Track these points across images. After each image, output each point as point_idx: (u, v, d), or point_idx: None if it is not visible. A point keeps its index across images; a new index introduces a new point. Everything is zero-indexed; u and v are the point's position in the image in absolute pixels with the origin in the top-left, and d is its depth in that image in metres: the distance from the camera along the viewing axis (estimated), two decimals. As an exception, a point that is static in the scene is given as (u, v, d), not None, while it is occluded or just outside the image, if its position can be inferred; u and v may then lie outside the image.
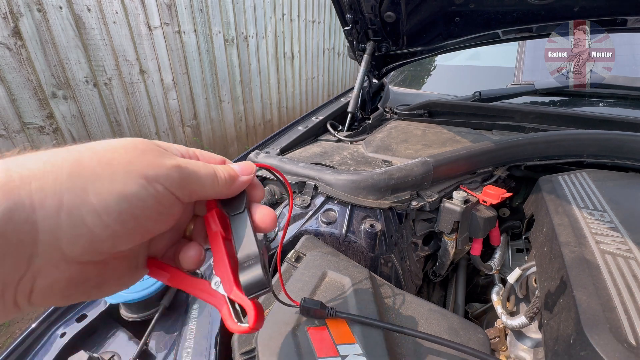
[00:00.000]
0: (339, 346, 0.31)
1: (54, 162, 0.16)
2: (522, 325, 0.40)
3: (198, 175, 0.20)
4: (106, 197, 0.16)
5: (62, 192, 0.15)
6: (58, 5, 1.40)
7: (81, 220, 0.16)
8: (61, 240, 0.15)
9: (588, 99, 0.79)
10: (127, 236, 0.17)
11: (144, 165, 0.18)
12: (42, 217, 0.15)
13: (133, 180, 0.17)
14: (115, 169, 0.17)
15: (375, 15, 0.75)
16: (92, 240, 0.16)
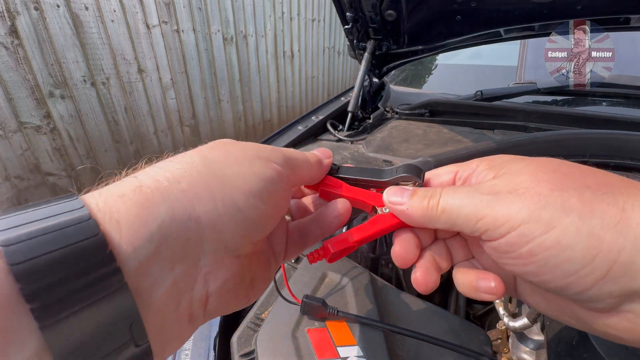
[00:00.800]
0: (339, 348, 0.31)
1: (184, 161, 0.16)
2: (525, 327, 0.40)
3: (298, 160, 0.20)
4: (245, 178, 0.16)
5: (209, 183, 0.15)
6: (55, 4, 1.39)
7: (236, 207, 0.16)
8: (223, 232, 0.15)
9: (591, 99, 0.78)
10: (270, 216, 0.18)
11: (255, 150, 0.18)
12: (202, 211, 0.15)
13: (256, 162, 0.17)
14: (236, 156, 0.17)
15: (376, 13, 0.74)
16: (247, 226, 0.16)
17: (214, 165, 0.16)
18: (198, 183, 0.15)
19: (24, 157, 1.42)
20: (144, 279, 0.13)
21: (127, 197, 0.13)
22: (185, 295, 0.15)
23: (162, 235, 0.13)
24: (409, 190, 0.19)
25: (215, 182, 0.15)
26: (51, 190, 1.54)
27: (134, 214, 0.13)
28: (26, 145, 1.41)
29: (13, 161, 1.38)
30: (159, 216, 0.13)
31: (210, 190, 0.15)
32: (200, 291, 0.15)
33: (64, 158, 1.56)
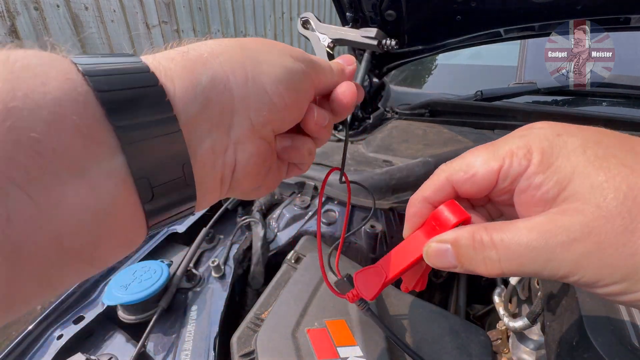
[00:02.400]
0: (338, 348, 0.31)
1: (222, 44, 0.17)
2: (525, 327, 0.40)
3: (322, 66, 0.21)
4: (275, 66, 0.17)
5: (244, 63, 0.17)
6: (55, 4, 1.39)
7: (263, 89, 0.17)
8: (250, 109, 0.17)
9: (591, 99, 0.78)
10: (291, 108, 0.18)
11: (287, 49, 0.19)
12: (235, 86, 0.16)
13: (286, 57, 0.18)
14: (270, 48, 0.18)
15: (376, 13, 0.74)
16: (272, 110, 0.17)
17: (248, 50, 0.17)
18: (234, 60, 0.16)
19: (24, 157, 1.42)
20: (191, 134, 0.15)
21: (176, 60, 0.15)
22: (220, 158, 0.16)
23: (205, 97, 0.15)
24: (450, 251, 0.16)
25: (249, 62, 0.17)
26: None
27: (183, 76, 0.15)
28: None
29: (13, 161, 1.39)
30: (202, 81, 0.15)
31: (244, 68, 0.16)
32: (230, 157, 0.17)
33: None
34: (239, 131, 0.16)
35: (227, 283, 0.42)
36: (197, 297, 0.41)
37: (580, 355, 0.28)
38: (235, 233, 0.48)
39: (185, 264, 0.43)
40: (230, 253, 0.46)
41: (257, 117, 0.17)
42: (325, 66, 0.21)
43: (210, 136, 0.16)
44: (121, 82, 0.13)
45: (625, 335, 0.27)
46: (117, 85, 0.12)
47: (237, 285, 0.46)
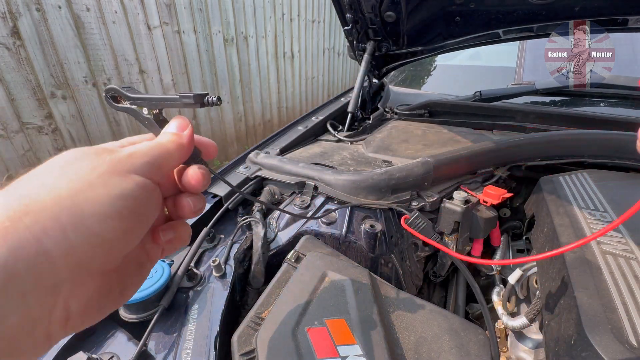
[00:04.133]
0: (338, 347, 0.31)
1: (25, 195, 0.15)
2: (523, 326, 0.40)
3: (156, 156, 0.19)
4: (100, 202, 0.16)
5: (57, 215, 0.15)
6: (57, 5, 1.39)
7: (89, 232, 0.15)
8: (80, 259, 0.15)
9: (589, 99, 0.78)
10: (134, 231, 0.18)
11: (107, 165, 0.17)
12: (53, 245, 0.14)
13: (112, 180, 0.17)
14: (88, 178, 0.16)
15: (376, 14, 0.75)
16: (107, 248, 0.16)
17: (60, 196, 0.15)
18: (44, 216, 0.15)
19: (25, 158, 1.42)
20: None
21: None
22: (41, 320, 0.15)
23: (7, 274, 0.13)
24: None
25: (65, 212, 0.15)
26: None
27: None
28: (28, 146, 1.42)
29: (15, 161, 1.39)
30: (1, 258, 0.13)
31: (59, 222, 0.15)
32: (59, 313, 0.15)
33: (65, 158, 1.56)
34: (69, 283, 0.15)
35: (228, 282, 0.43)
36: (198, 296, 0.41)
37: (578, 354, 0.28)
38: (236, 233, 0.48)
39: (186, 263, 0.43)
40: (231, 252, 0.46)
41: (93, 262, 0.16)
42: (163, 154, 0.20)
43: (22, 305, 0.14)
44: None
45: (623, 333, 0.27)
46: None
47: (238, 284, 0.46)
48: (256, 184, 0.59)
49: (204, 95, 0.23)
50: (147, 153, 0.19)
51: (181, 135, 0.22)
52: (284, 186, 0.56)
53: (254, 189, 0.59)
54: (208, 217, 0.52)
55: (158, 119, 0.23)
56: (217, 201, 0.55)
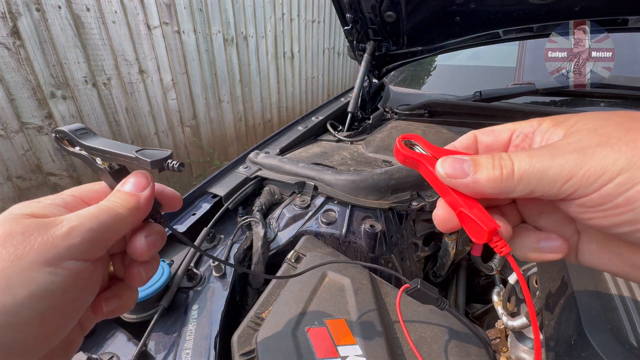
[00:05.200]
0: (339, 347, 0.31)
1: None
2: (523, 326, 0.40)
3: (102, 226, 0.17)
4: (16, 310, 0.14)
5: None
6: (57, 5, 1.39)
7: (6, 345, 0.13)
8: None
9: (589, 99, 0.78)
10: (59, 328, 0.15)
11: (36, 251, 0.15)
12: None
13: (36, 276, 0.14)
14: (7, 273, 0.14)
15: (376, 14, 0.75)
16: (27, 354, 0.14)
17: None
18: None
19: (25, 157, 1.42)
20: None
21: None
22: None
23: None
24: (467, 161, 0.17)
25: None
26: (53, 190, 1.54)
27: None
28: (28, 146, 1.42)
29: (15, 161, 1.39)
30: None
31: None
32: None
33: (66, 158, 1.56)
34: None
35: (228, 282, 0.43)
36: (198, 296, 0.41)
37: (578, 354, 0.28)
38: (236, 232, 0.48)
39: (186, 263, 0.43)
40: (231, 252, 0.46)
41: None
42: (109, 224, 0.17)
43: None
44: None
45: (623, 333, 0.27)
46: None
47: (238, 284, 0.46)
48: (256, 184, 0.59)
49: (165, 159, 0.19)
50: (91, 227, 0.16)
51: (138, 196, 0.19)
52: (284, 186, 0.56)
53: (254, 189, 0.59)
54: (208, 217, 0.52)
55: (113, 170, 0.20)
56: (217, 201, 0.55)
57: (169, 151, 0.19)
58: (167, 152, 0.19)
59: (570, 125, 0.16)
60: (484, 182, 0.16)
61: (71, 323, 0.16)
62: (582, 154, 0.14)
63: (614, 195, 0.14)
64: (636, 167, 0.13)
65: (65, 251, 0.15)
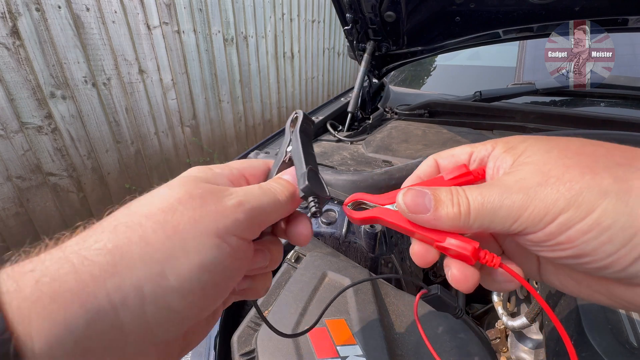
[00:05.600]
0: (339, 347, 0.31)
1: (119, 247, 0.14)
2: (523, 326, 0.40)
3: (264, 207, 0.17)
4: (186, 275, 0.14)
5: (141, 284, 0.13)
6: (57, 5, 1.39)
7: (167, 307, 0.14)
8: (151, 331, 0.14)
9: (589, 99, 0.78)
10: (212, 303, 0.16)
11: (210, 219, 0.15)
12: (128, 319, 0.13)
13: (207, 245, 0.15)
14: (185, 236, 0.15)
15: (376, 14, 0.75)
16: (181, 322, 0.15)
17: (152, 261, 0.14)
18: (128, 284, 0.13)
19: (25, 158, 1.42)
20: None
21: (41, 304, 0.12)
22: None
23: (81, 351, 0.12)
24: (429, 195, 0.17)
25: (150, 285, 0.14)
26: (52, 190, 1.54)
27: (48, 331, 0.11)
28: (27, 146, 1.42)
29: (14, 161, 1.39)
30: (76, 331, 0.12)
31: (141, 293, 0.13)
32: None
33: (65, 158, 1.56)
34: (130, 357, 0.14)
35: (228, 282, 0.42)
36: (198, 296, 0.41)
37: (578, 354, 0.28)
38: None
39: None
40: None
41: (161, 334, 0.14)
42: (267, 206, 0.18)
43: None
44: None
45: (623, 334, 0.27)
46: None
47: (238, 284, 0.46)
48: (256, 184, 0.58)
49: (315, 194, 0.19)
50: (254, 206, 0.17)
51: (295, 186, 0.20)
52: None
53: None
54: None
55: (287, 164, 0.22)
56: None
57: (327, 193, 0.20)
58: (325, 193, 0.20)
59: (518, 154, 0.17)
60: (444, 219, 0.17)
61: (221, 299, 0.17)
62: (526, 194, 0.15)
63: (557, 233, 0.15)
64: (575, 207, 0.14)
65: (232, 224, 0.16)
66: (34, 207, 1.48)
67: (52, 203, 1.54)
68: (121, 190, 1.83)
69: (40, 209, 1.51)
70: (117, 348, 0.13)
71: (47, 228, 1.56)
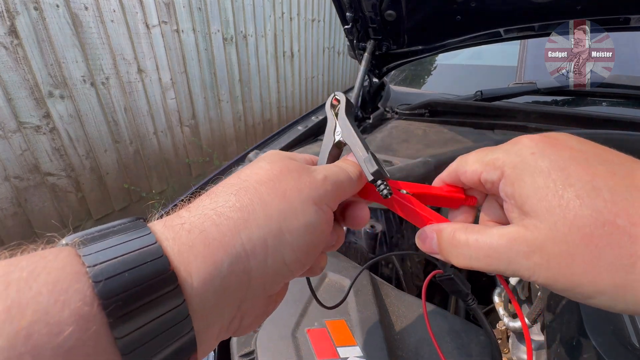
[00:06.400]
0: (338, 348, 0.31)
1: (246, 206, 0.16)
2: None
3: (343, 183, 0.20)
4: (297, 233, 0.17)
5: (265, 237, 0.16)
6: (55, 4, 1.38)
7: (282, 260, 0.17)
8: (266, 283, 0.17)
9: (590, 99, 0.78)
10: (309, 262, 0.18)
11: (308, 189, 0.18)
12: (255, 266, 0.16)
13: (309, 209, 0.17)
14: (293, 200, 0.17)
15: (376, 13, 0.74)
16: (288, 276, 0.18)
17: (271, 219, 0.16)
18: (257, 236, 0.16)
19: (23, 157, 1.41)
20: (202, 321, 0.14)
21: (196, 249, 0.14)
22: (220, 327, 0.16)
23: (223, 288, 0.15)
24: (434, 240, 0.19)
25: (271, 236, 0.16)
26: (51, 190, 1.53)
27: (202, 269, 0.14)
28: (25, 145, 1.41)
29: (12, 161, 1.38)
30: (223, 270, 0.15)
31: (266, 245, 0.16)
32: (234, 324, 0.17)
33: (64, 158, 1.55)
34: (250, 303, 0.16)
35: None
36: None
37: (580, 355, 0.27)
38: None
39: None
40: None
41: (273, 287, 0.17)
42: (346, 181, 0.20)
43: (220, 318, 0.15)
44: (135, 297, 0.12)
45: (625, 335, 0.27)
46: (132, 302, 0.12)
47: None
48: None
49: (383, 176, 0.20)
50: (336, 179, 0.19)
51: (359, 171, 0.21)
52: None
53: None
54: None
55: (337, 147, 0.23)
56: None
57: (388, 174, 0.21)
58: (387, 175, 0.21)
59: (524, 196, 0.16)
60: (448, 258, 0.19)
61: (313, 260, 0.19)
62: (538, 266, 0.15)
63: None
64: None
65: (324, 194, 0.18)
66: (32, 207, 1.48)
67: (50, 203, 1.54)
68: (120, 190, 1.82)
69: (38, 209, 1.50)
70: (243, 289, 0.16)
71: (45, 228, 1.56)
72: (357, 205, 0.23)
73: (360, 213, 0.22)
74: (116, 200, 1.81)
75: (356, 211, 0.22)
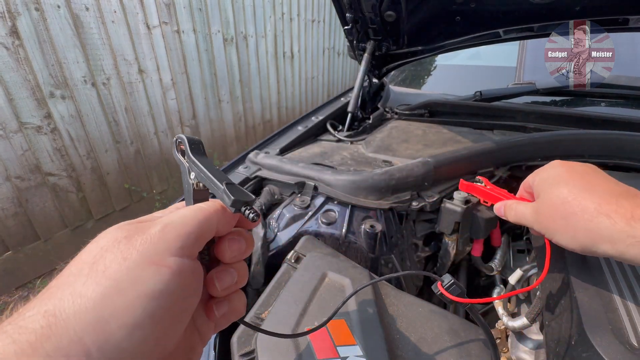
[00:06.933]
0: (338, 348, 0.31)
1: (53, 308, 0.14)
2: (524, 327, 0.40)
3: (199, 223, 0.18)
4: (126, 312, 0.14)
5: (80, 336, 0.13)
6: (56, 5, 1.39)
7: (117, 348, 0.14)
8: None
9: (590, 99, 0.78)
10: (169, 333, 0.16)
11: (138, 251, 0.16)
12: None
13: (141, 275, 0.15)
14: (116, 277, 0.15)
15: (376, 14, 0.74)
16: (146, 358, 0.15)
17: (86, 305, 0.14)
18: (67, 340, 0.13)
19: (24, 157, 1.42)
20: None
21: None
22: None
23: None
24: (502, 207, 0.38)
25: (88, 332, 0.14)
26: (52, 190, 1.54)
27: None
28: (27, 146, 1.42)
29: (14, 161, 1.39)
30: None
31: (83, 344, 0.13)
32: None
33: (65, 158, 1.56)
34: None
35: (227, 283, 0.42)
36: (198, 296, 0.41)
37: (579, 355, 0.28)
38: (236, 233, 0.48)
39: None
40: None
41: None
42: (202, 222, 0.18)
43: None
44: None
45: (624, 334, 0.27)
46: None
47: (237, 285, 0.46)
48: (256, 184, 0.58)
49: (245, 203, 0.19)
50: (185, 222, 0.17)
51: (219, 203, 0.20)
52: (284, 186, 0.56)
53: (254, 189, 0.58)
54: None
55: (197, 189, 0.22)
56: (217, 201, 0.55)
57: (252, 197, 0.20)
58: (251, 197, 0.20)
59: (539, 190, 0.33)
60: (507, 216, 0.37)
61: (181, 325, 0.17)
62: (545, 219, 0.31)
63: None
64: None
65: (165, 247, 0.16)
66: (33, 208, 1.48)
67: (51, 203, 1.54)
68: (121, 190, 1.82)
69: (39, 209, 1.51)
70: None
71: (46, 228, 1.56)
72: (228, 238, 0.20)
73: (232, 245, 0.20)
74: (117, 201, 1.82)
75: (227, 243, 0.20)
